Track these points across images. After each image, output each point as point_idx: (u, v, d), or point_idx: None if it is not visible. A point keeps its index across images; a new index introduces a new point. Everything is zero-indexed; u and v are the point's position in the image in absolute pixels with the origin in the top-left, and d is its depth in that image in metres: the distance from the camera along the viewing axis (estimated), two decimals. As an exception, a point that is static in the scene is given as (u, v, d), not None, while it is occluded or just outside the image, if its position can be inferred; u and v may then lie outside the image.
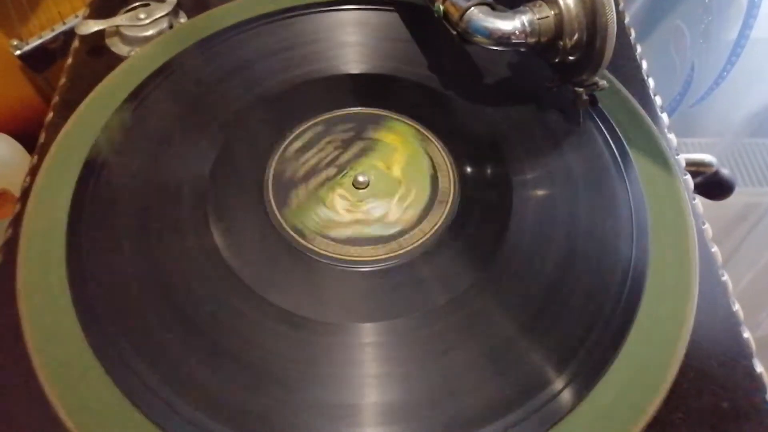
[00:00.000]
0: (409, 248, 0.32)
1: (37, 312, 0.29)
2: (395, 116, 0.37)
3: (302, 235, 0.33)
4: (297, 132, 0.37)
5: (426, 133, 0.37)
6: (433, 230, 0.33)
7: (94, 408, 0.26)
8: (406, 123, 0.37)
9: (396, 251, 0.32)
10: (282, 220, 0.33)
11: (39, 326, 0.29)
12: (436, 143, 0.37)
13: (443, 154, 0.36)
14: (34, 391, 0.27)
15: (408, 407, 0.27)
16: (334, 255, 0.32)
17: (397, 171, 0.36)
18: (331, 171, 0.35)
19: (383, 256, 0.32)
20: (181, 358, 0.28)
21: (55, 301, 0.29)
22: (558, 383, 0.27)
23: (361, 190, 0.35)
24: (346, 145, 0.36)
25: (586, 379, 0.27)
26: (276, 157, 0.36)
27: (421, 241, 0.33)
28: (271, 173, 0.35)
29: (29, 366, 0.28)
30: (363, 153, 0.36)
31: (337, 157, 0.36)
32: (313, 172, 0.35)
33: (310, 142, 0.36)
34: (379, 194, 0.35)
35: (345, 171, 0.35)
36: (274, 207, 0.34)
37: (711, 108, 0.80)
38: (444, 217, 0.34)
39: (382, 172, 0.36)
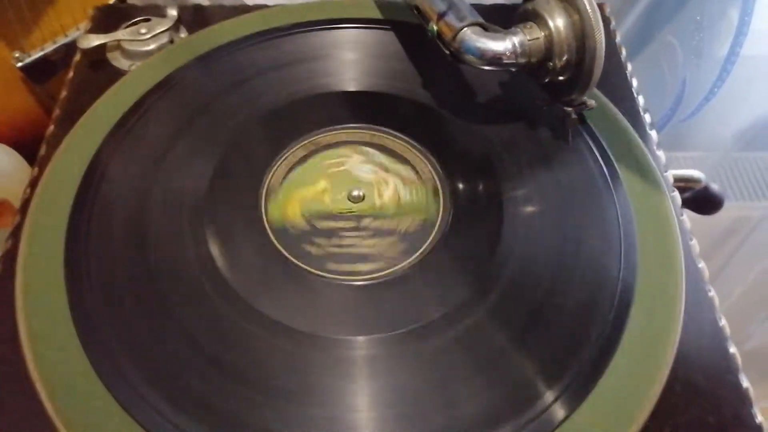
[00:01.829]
0: (402, 263, 0.33)
1: (35, 323, 0.29)
2: (439, 170, 0.37)
3: (273, 202, 0.34)
4: (293, 148, 0.38)
5: (418, 151, 0.38)
6: (426, 245, 0.34)
7: (90, 417, 0.27)
8: (442, 183, 0.37)
9: (388, 266, 0.33)
10: (266, 199, 0.34)
11: (37, 338, 0.29)
12: (428, 160, 0.37)
13: (435, 171, 0.37)
14: (31, 404, 0.27)
15: (400, 420, 0.27)
16: (328, 269, 0.33)
17: (391, 208, 0.36)
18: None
19: (376, 272, 0.33)
20: (175, 369, 0.28)
21: (53, 312, 0.30)
22: (549, 396, 0.27)
23: (349, 203, 0.36)
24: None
25: (576, 393, 0.27)
26: (272, 174, 0.36)
27: (414, 256, 0.33)
28: (265, 188, 0.36)
29: (27, 378, 0.28)
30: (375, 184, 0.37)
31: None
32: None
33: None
34: (362, 213, 0.35)
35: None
36: (268, 222, 0.34)
37: (702, 123, 0.81)
38: (436, 232, 0.34)
39: (379, 199, 0.36)
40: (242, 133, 0.37)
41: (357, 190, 0.36)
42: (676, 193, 0.37)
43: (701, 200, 0.51)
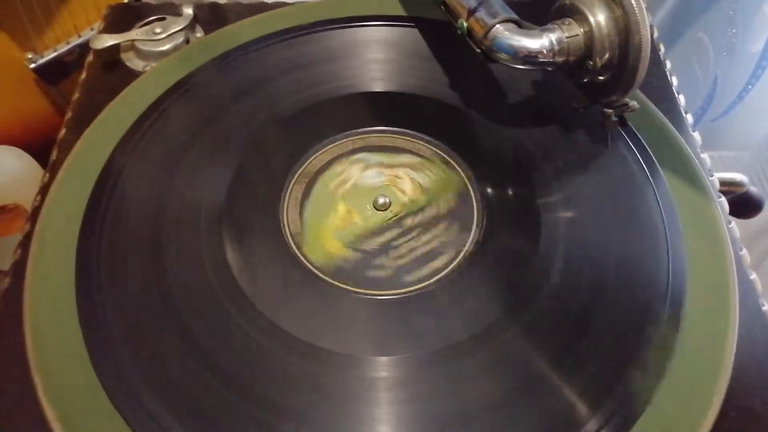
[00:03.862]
0: (432, 279, 0.31)
1: (43, 336, 0.28)
2: (469, 176, 0.35)
3: (294, 210, 0.33)
4: (316, 153, 0.36)
5: (449, 155, 0.36)
6: (457, 258, 0.32)
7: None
8: (473, 189, 0.35)
9: (458, 250, 0.31)
10: (298, 246, 0.32)
11: (45, 351, 0.28)
12: (459, 165, 0.35)
13: (466, 177, 0.35)
14: (36, 416, 0.26)
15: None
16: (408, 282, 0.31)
17: (417, 218, 0.34)
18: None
19: (403, 288, 0.31)
20: (189, 386, 0.26)
21: (63, 325, 0.28)
22: (591, 425, 0.25)
23: (375, 211, 0.34)
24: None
25: (621, 421, 0.25)
26: (295, 178, 0.35)
27: (473, 230, 0.32)
28: (288, 194, 0.34)
29: (34, 395, 0.27)
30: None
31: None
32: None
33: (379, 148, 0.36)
34: (385, 224, 0.34)
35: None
36: (291, 231, 0.33)
37: (734, 122, 0.78)
38: (468, 244, 0.32)
39: (405, 209, 0.35)
40: (262, 136, 0.35)
41: (380, 197, 0.34)
42: (723, 200, 0.35)
43: (740, 204, 0.48)
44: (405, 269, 0.32)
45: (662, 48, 0.42)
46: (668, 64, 0.41)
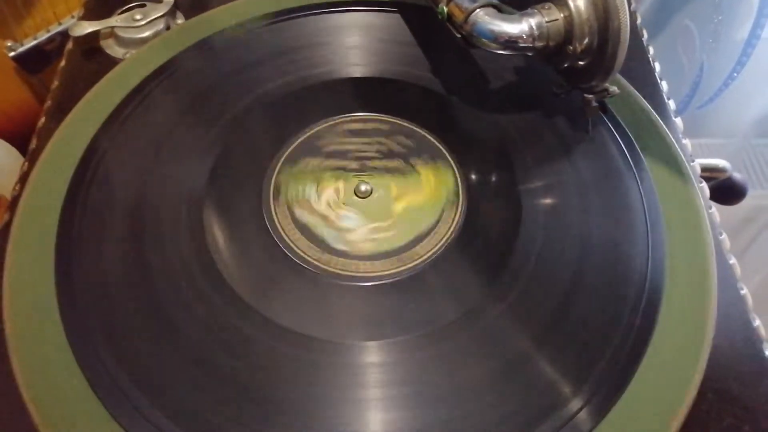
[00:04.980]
0: (415, 262, 0.31)
1: (23, 326, 0.28)
2: (452, 161, 0.35)
3: (276, 195, 0.33)
4: (299, 138, 0.36)
5: (433, 141, 0.36)
6: (441, 243, 0.32)
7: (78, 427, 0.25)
8: (456, 174, 0.35)
9: (401, 266, 0.31)
10: (282, 231, 0.32)
11: (25, 341, 0.27)
12: (443, 151, 0.35)
13: (451, 163, 0.35)
14: (14, 406, 0.26)
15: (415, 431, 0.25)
16: (336, 269, 0.31)
17: (399, 207, 0.34)
18: (352, 164, 0.35)
19: (387, 272, 0.31)
20: (169, 375, 0.26)
21: (43, 314, 0.28)
22: (575, 403, 0.25)
23: (354, 197, 0.34)
24: (389, 155, 0.35)
25: (603, 400, 0.26)
26: (278, 165, 0.35)
27: (427, 254, 0.31)
28: (272, 181, 0.34)
29: (13, 379, 0.26)
30: (392, 171, 0.35)
31: (370, 159, 0.35)
32: (340, 154, 0.35)
33: (366, 131, 0.36)
34: (366, 212, 0.34)
35: (362, 173, 0.35)
36: (275, 216, 0.32)
37: (720, 109, 0.78)
38: (452, 230, 0.32)
39: (387, 197, 0.34)
40: (244, 122, 0.35)
41: (362, 184, 0.34)
42: (704, 185, 0.35)
43: (724, 190, 0.48)
44: (387, 254, 0.32)
45: (645, 34, 0.42)
46: (651, 50, 0.41)
